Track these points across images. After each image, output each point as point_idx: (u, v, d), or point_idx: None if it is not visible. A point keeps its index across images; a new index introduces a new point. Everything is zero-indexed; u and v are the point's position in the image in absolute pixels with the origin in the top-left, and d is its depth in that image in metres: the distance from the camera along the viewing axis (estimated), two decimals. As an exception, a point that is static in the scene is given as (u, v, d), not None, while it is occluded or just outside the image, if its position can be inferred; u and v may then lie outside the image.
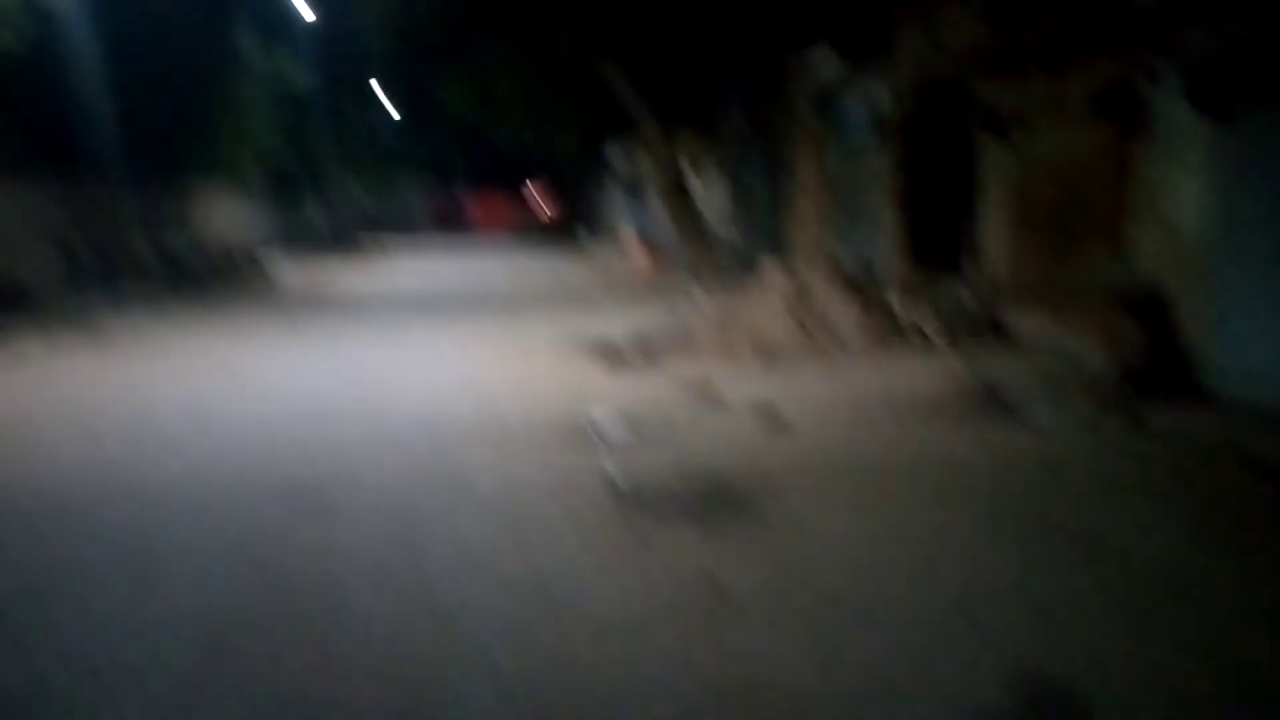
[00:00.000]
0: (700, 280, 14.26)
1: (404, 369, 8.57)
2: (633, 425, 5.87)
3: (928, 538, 4.00)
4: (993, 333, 8.28)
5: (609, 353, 8.60)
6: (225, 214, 20.66)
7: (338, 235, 29.22)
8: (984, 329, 8.31)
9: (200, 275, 16.28)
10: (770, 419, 6.01)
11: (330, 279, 19.66)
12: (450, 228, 41.77)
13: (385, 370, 8.54)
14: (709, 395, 6.73)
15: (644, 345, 8.79)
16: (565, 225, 36.39)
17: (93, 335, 10.81)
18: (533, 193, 43.66)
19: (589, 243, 29.95)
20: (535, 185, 42.74)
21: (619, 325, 10.22)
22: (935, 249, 9.93)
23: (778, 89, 13.80)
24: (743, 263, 14.44)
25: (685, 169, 16.69)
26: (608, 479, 4.81)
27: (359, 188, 34.47)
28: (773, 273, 9.64)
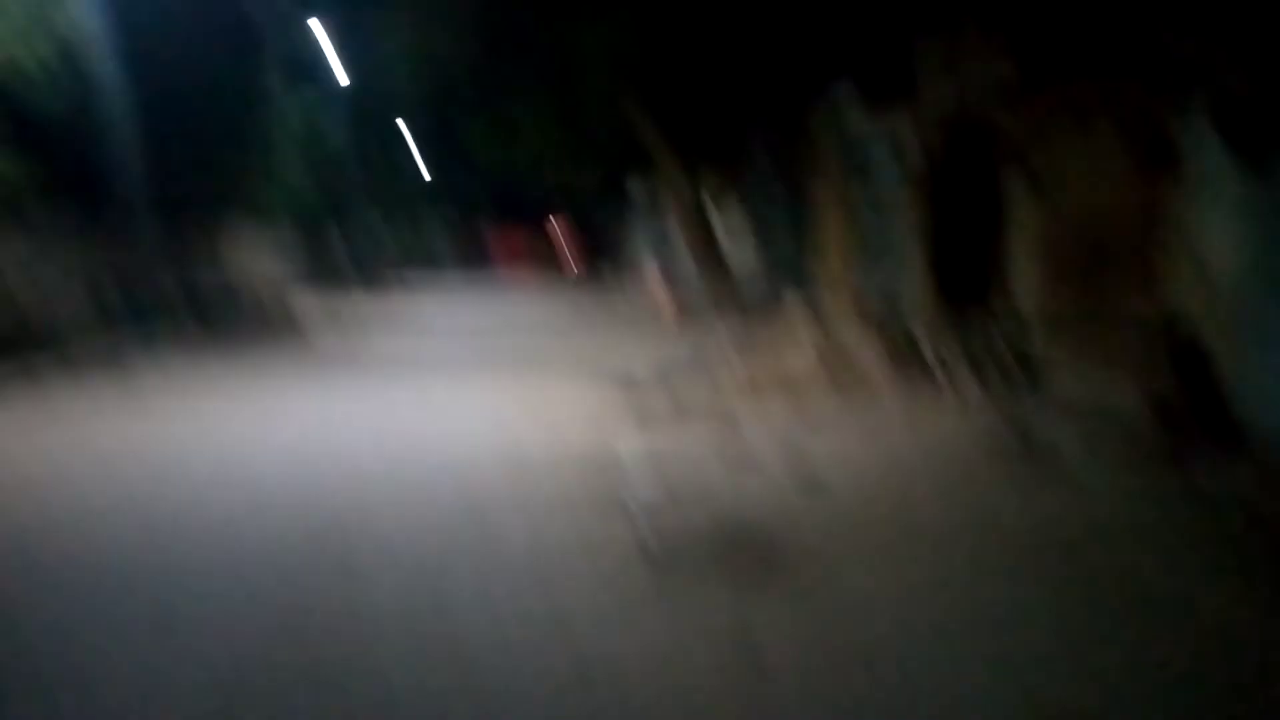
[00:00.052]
0: (724, 317, 14.22)
1: (428, 413, 8.55)
2: (661, 477, 5.80)
3: (968, 600, 3.90)
4: (1024, 373, 8.17)
5: (635, 396, 8.55)
6: (254, 252, 20.83)
7: (362, 271, 29.46)
8: (1014, 369, 8.20)
9: (228, 314, 16.40)
10: (802, 470, 5.92)
11: (355, 315, 19.76)
12: (474, 262, 42.04)
13: (409, 412, 8.53)
14: (738, 444, 6.66)
15: (670, 386, 8.74)
16: (589, 261, 36.51)
17: (121, 376, 10.87)
18: (556, 230, 43.85)
19: (612, 277, 30.01)
20: (558, 220, 42.94)
21: (644, 364, 10.16)
22: (962, 287, 9.83)
23: (801, 126, 13.81)
24: (766, 299, 14.39)
25: (708, 204, 16.71)
26: (637, 536, 4.73)
27: (384, 223, 34.77)
28: (797, 309, 9.59)
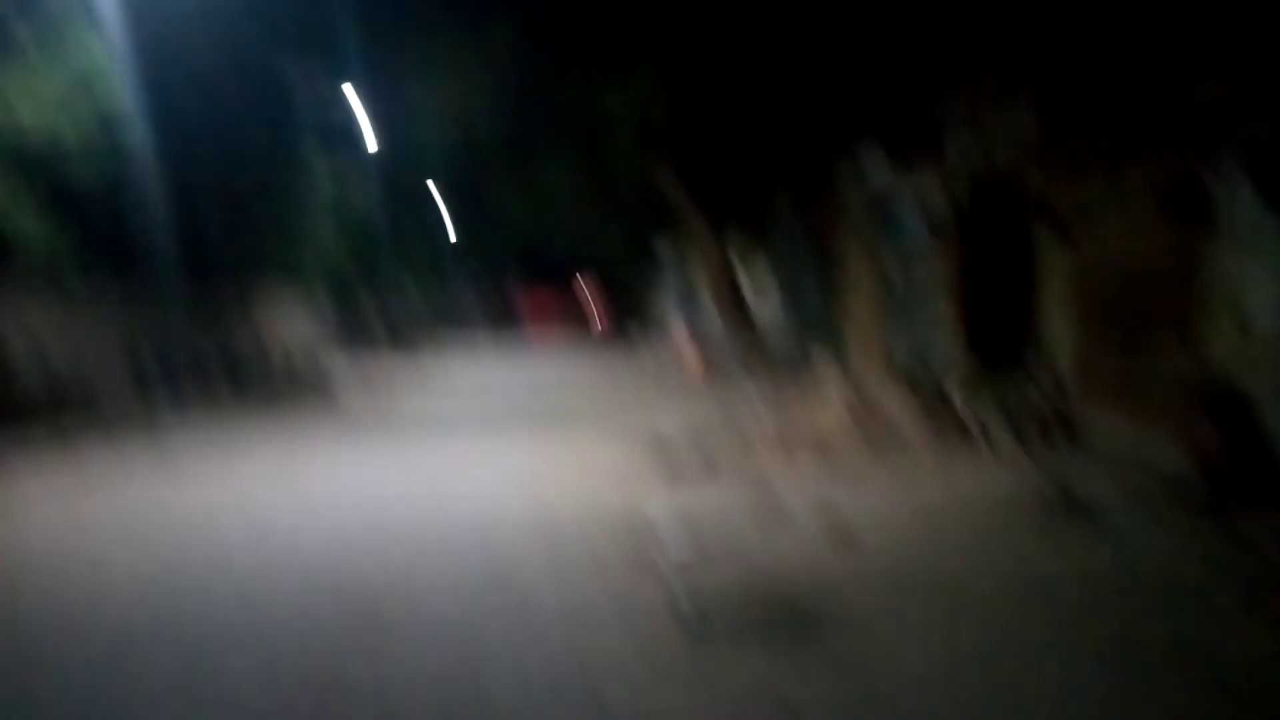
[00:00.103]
0: (753, 376, 14.16)
1: (458, 473, 8.52)
2: (694, 538, 5.71)
3: (1009, 662, 3.77)
4: (1061, 431, 8.02)
5: (666, 456, 8.46)
6: (286, 313, 21.08)
7: (393, 332, 29.72)
8: (1052, 427, 8.06)
9: (262, 378, 16.55)
10: (837, 530, 5.81)
11: (386, 375, 19.87)
12: (503, 322, 42.34)
13: (439, 473, 8.51)
14: (769, 502, 6.56)
15: (701, 446, 8.65)
16: (616, 319, 36.64)
17: (153, 438, 10.94)
18: (584, 289, 44.12)
19: (640, 335, 30.07)
20: (586, 279, 43.23)
21: (674, 424, 10.10)
22: (995, 344, 9.72)
23: (826, 183, 13.85)
24: (794, 356, 14.34)
25: (735, 263, 16.76)
26: (670, 598, 4.64)
27: (414, 284, 35.13)
28: (827, 368, 9.51)
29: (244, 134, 15.17)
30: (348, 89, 24.45)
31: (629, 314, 35.39)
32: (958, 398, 8.66)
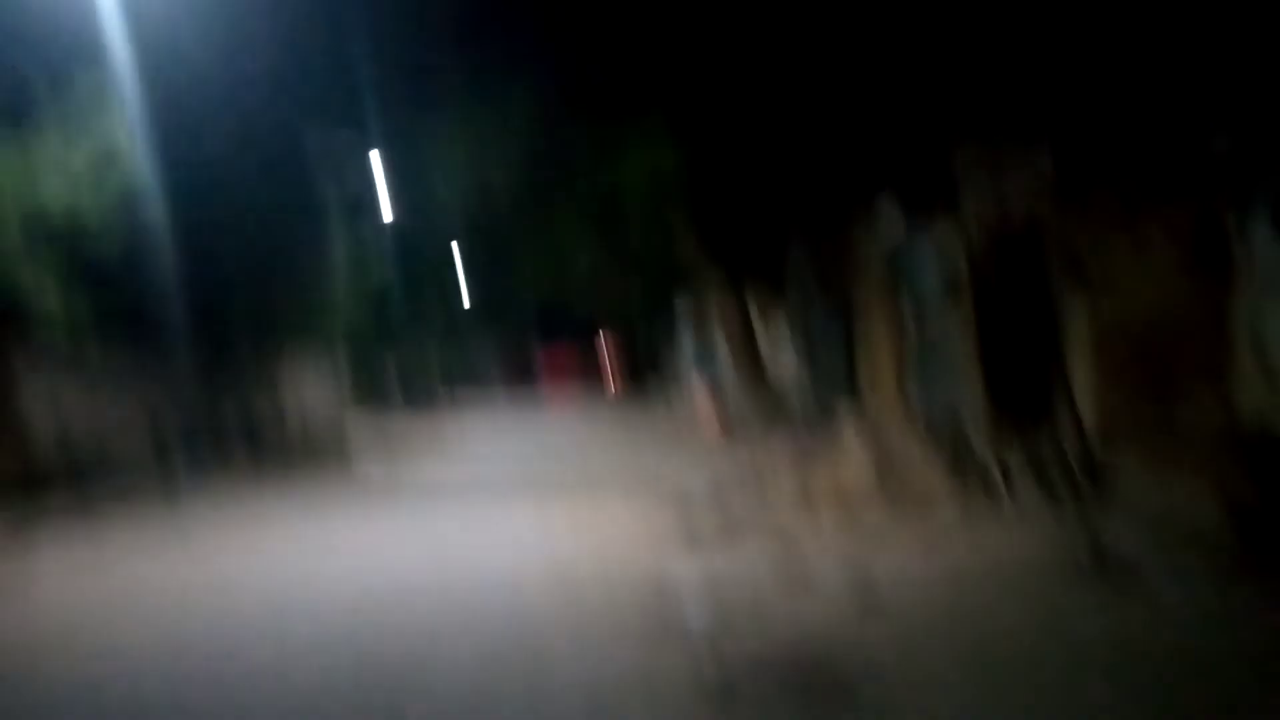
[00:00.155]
0: (772, 430, 14.04)
1: (479, 539, 8.50)
2: (716, 601, 5.59)
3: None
4: (1088, 483, 7.86)
5: (686, 515, 8.34)
6: (305, 378, 21.16)
7: (412, 392, 29.78)
8: (1079, 480, 7.90)
9: (279, 441, 16.56)
10: (863, 594, 5.67)
11: (405, 438, 19.86)
12: (522, 381, 42.35)
13: (460, 539, 8.50)
14: (793, 564, 6.43)
15: (722, 506, 8.53)
16: (635, 376, 36.60)
17: (171, 507, 10.92)
18: (604, 347, 44.15)
19: (660, 392, 29.99)
20: (606, 336, 43.27)
21: (694, 481, 9.98)
22: (1020, 396, 9.59)
23: (844, 237, 13.85)
24: (815, 412, 14.22)
25: (754, 318, 16.72)
26: (694, 666, 4.52)
27: (432, 344, 35.28)
28: (848, 421, 9.41)
29: (263, 202, 15.36)
30: (369, 155, 24.83)
31: (647, 371, 35.35)
32: (982, 451, 8.52)
